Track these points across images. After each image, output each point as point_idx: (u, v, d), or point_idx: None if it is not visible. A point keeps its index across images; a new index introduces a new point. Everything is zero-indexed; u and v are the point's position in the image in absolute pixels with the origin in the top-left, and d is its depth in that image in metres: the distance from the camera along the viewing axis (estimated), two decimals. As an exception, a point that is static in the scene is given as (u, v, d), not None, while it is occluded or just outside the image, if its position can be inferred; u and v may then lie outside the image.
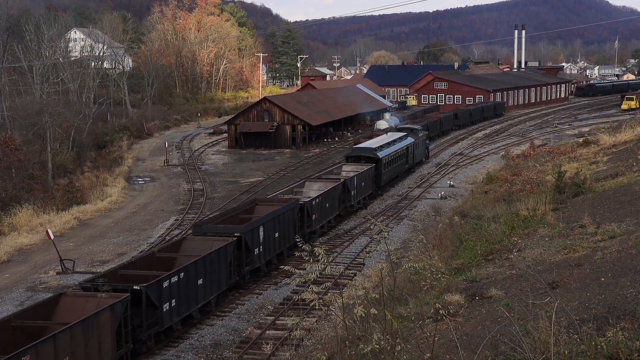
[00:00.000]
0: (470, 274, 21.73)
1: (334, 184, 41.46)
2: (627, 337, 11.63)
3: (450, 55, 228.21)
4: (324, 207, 38.60)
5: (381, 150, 50.60)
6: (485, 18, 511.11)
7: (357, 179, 44.40)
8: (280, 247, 33.56)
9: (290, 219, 34.43)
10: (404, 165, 56.22)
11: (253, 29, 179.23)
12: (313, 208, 36.95)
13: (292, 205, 34.90)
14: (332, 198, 40.04)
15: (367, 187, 46.90)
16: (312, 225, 37.03)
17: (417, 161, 61.71)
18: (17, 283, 32.59)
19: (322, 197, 38.24)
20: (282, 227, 33.47)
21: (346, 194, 42.63)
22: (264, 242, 31.46)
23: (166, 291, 23.75)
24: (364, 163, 48.50)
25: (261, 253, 31.37)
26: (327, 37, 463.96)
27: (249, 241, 29.86)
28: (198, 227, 31.02)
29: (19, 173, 55.48)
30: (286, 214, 33.91)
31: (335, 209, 41.02)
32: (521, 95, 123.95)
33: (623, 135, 49.73)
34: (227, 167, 66.51)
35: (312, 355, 20.46)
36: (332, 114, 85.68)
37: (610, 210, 25.37)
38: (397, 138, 56.27)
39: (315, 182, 43.13)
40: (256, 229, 30.75)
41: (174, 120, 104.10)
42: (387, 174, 51.43)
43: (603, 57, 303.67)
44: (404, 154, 55.52)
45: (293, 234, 34.56)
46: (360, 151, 50.52)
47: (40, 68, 71.75)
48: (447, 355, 13.79)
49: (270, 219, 32.12)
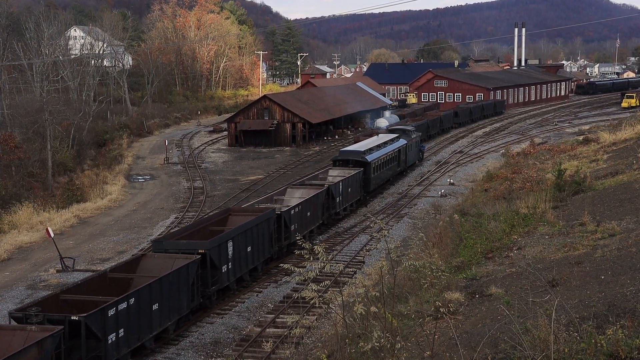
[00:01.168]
0: (470, 272, 21.74)
1: (316, 190, 38.94)
2: (627, 335, 11.64)
3: (451, 53, 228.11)
4: (304, 216, 36.01)
5: (370, 154, 48.09)
6: (486, 16, 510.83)
7: (343, 184, 42.00)
8: (253, 262, 30.84)
9: (265, 231, 31.71)
10: (395, 169, 53.74)
11: (253, 27, 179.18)
12: (292, 218, 34.32)
13: (268, 215, 32.17)
14: (314, 206, 37.44)
15: (355, 193, 44.47)
16: (291, 236, 34.04)
17: (410, 164, 59.22)
18: (17, 281, 32.61)
19: (302, 206, 35.68)
20: (256, 240, 30.83)
21: (331, 201, 40.13)
22: (233, 258, 28.71)
23: (112, 320, 20.98)
24: (351, 167, 45.97)
25: (230, 270, 28.56)
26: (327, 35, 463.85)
27: (215, 258, 27.13)
28: (158, 242, 27.98)
29: (19, 171, 55.50)
30: (261, 225, 31.20)
31: (318, 217, 38.30)
32: (521, 93, 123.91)
33: (623, 133, 49.74)
34: (227, 165, 66.51)
35: (312, 353, 20.47)
36: (332, 112, 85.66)
37: (610, 208, 25.37)
38: (388, 140, 53.60)
39: (298, 189, 40.54)
40: (224, 244, 27.97)
41: (174, 118, 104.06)
42: (377, 178, 48.83)
43: (603, 55, 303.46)
44: (395, 156, 53.02)
45: (269, 247, 32.27)
46: (348, 155, 48.00)
47: (40, 66, 71.72)
48: (447, 353, 13.79)
49: (242, 232, 29.43)
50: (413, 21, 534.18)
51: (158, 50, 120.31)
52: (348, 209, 43.62)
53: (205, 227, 31.27)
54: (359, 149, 48.72)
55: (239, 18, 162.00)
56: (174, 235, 29.68)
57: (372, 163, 47.23)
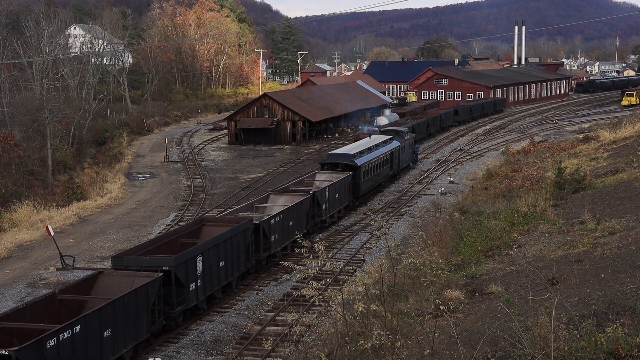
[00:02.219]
0: (470, 270, 21.75)
1: (300, 197, 36.45)
2: (626, 333, 11.64)
3: (451, 52, 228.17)
4: (286, 225, 33.60)
5: (360, 157, 45.83)
6: (486, 14, 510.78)
7: (330, 190, 39.45)
8: (227, 277, 28.35)
9: (241, 243, 29.29)
10: (387, 172, 51.47)
11: (253, 25, 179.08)
12: (272, 228, 31.92)
13: (244, 226, 29.65)
14: (297, 214, 35.12)
15: (343, 199, 41.99)
16: (271, 248, 32.00)
17: (404, 166, 56.79)
18: (18, 279, 32.62)
19: (283, 215, 33.26)
20: (230, 254, 28.35)
21: (316, 208, 37.72)
22: (203, 275, 26.17)
23: (52, 352, 18.15)
24: (340, 171, 43.74)
25: (199, 288, 25.99)
26: (327, 33, 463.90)
27: (181, 275, 24.61)
28: (118, 259, 25.12)
29: (19, 169, 55.54)
30: (237, 237, 28.82)
31: (302, 226, 35.82)
32: (521, 91, 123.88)
33: (623, 132, 49.72)
34: (227, 164, 66.51)
35: (312, 351, 20.48)
36: (332, 110, 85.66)
37: (610, 207, 25.37)
38: (380, 142, 51.33)
39: (281, 196, 38.07)
40: (192, 259, 25.41)
41: (173, 117, 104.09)
42: (367, 182, 46.42)
43: (603, 53, 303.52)
44: (387, 159, 50.76)
45: (245, 260, 29.88)
46: (336, 158, 45.52)
47: (40, 64, 71.67)
48: (447, 351, 13.80)
49: (214, 245, 26.98)
50: (413, 19, 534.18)
51: (158, 49, 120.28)
52: (335, 215, 41.35)
53: (176, 240, 28.84)
54: (348, 152, 46.48)
55: (239, 16, 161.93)
56: (138, 249, 26.76)
57: (362, 167, 44.99)
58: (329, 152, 49.85)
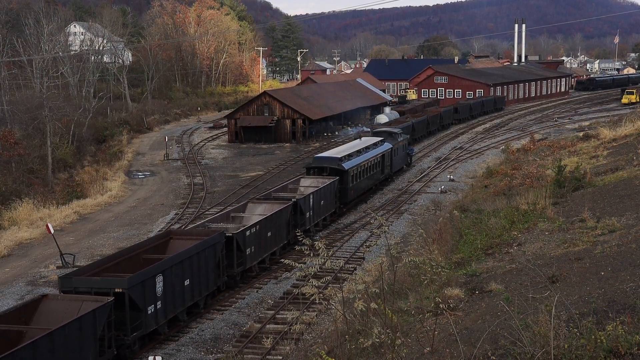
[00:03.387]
0: (470, 268, 21.75)
1: (281, 206, 34.00)
2: (626, 331, 11.64)
3: (451, 49, 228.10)
4: (263, 237, 31.25)
5: (348, 160, 43.40)
6: (486, 12, 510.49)
7: (315, 197, 36.98)
8: (193, 297, 25.81)
9: (210, 259, 26.81)
10: (378, 176, 49.26)
11: (253, 23, 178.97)
12: (247, 240, 29.44)
13: (214, 240, 27.12)
14: (277, 224, 32.68)
15: (329, 206, 39.63)
16: (246, 262, 29.57)
17: (397, 169, 54.47)
18: (18, 277, 32.64)
19: (261, 226, 30.88)
20: (197, 271, 25.83)
21: (299, 217, 35.17)
22: (164, 296, 23.68)
23: None
24: (326, 176, 41.31)
25: (159, 311, 23.42)
26: (327, 31, 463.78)
27: (137, 298, 22.13)
28: (66, 279, 22.23)
29: (18, 167, 55.56)
30: (205, 252, 26.29)
31: (282, 237, 33.59)
32: (521, 89, 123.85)
33: (623, 130, 49.72)
34: (227, 161, 66.52)
35: (312, 349, 20.49)
36: (332, 108, 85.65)
37: (611, 205, 25.37)
38: (370, 144, 49.00)
39: (260, 204, 35.45)
40: (150, 279, 22.86)
41: (173, 115, 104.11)
42: (356, 187, 44.11)
43: (603, 51, 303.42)
44: (378, 162, 48.57)
45: (215, 277, 27.38)
46: (323, 161, 42.96)
47: (40, 62, 71.65)
48: (447, 349, 13.81)
49: (177, 262, 24.54)
50: (413, 17, 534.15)
51: (158, 47, 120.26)
52: (320, 224, 38.72)
53: (138, 255, 26.14)
54: (335, 155, 43.90)
55: (239, 14, 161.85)
56: (93, 267, 23.97)
57: (350, 171, 42.66)
58: (314, 156, 47.13)
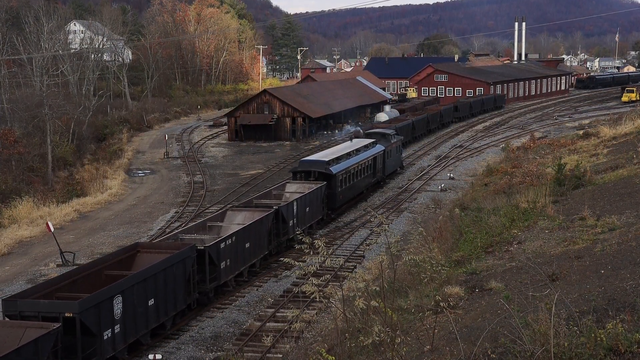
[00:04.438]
0: (470, 267, 21.75)
1: (262, 214, 31.87)
2: (626, 329, 11.66)
3: (451, 48, 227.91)
4: (241, 248, 29.17)
5: (337, 164, 41.49)
6: (486, 10, 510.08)
7: (299, 203, 34.97)
8: (158, 318, 23.59)
9: (179, 275, 24.55)
10: (369, 180, 47.20)
11: (253, 21, 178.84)
12: (221, 253, 27.24)
13: (184, 254, 24.87)
14: (256, 234, 30.55)
15: (315, 212, 37.40)
16: (220, 277, 27.39)
17: (390, 172, 52.41)
18: (18, 275, 32.66)
19: (238, 237, 28.72)
20: (163, 289, 23.60)
21: (281, 225, 33.17)
22: (124, 318, 21.46)
23: None
24: (312, 181, 39.48)
25: (117, 335, 21.18)
26: (327, 29, 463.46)
27: (90, 322, 19.87)
28: (11, 303, 20.12)
29: (18, 165, 55.53)
30: (173, 268, 24.08)
31: (263, 248, 31.54)
32: (521, 87, 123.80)
33: (623, 128, 49.73)
34: (227, 160, 66.52)
35: (312, 347, 20.50)
36: (332, 106, 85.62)
37: (611, 203, 25.37)
38: (361, 147, 47.12)
39: (240, 212, 33.23)
40: (107, 301, 20.66)
41: (173, 113, 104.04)
42: (345, 192, 42.17)
43: (603, 50, 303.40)
44: (369, 165, 46.56)
45: (184, 295, 25.08)
46: (309, 165, 41.03)
47: (40, 60, 71.62)
48: (447, 347, 13.82)
49: (140, 280, 22.34)
50: (413, 15, 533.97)
51: (158, 45, 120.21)
52: (306, 232, 34.99)
53: (100, 272, 23.80)
54: (322, 159, 41.95)
55: (239, 12, 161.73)
56: (45, 286, 21.52)
57: (339, 175, 40.69)
58: (300, 159, 44.89)
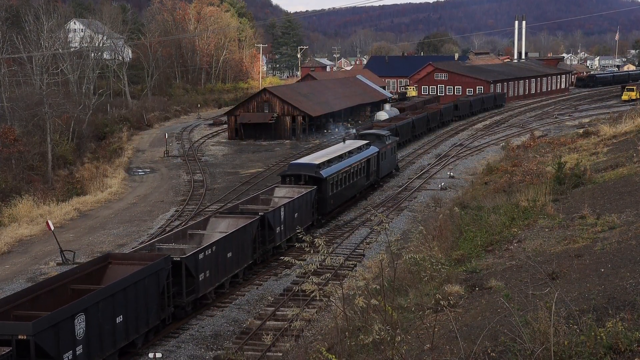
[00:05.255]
0: (470, 265, 21.75)
1: (246, 221, 30.26)
2: (626, 327, 11.66)
3: (451, 46, 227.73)
4: (222, 259, 27.54)
5: (328, 167, 39.98)
6: (486, 9, 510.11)
7: (287, 209, 33.61)
8: (127, 337, 21.90)
9: (152, 288, 22.82)
10: (363, 183, 45.71)
11: (253, 19, 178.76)
12: (200, 264, 25.61)
13: (158, 266, 23.17)
14: (239, 244, 29.10)
15: (305, 218, 35.85)
16: (198, 289, 25.79)
17: (384, 174, 50.90)
18: (18, 274, 32.67)
19: (218, 246, 27.11)
20: (133, 304, 21.88)
21: (267, 232, 31.79)
22: (87, 339, 19.76)
23: None
24: (302, 185, 38.04)
25: (80, 357, 19.56)
26: (327, 28, 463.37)
27: (47, 345, 18.45)
28: None
29: (18, 164, 55.53)
30: (145, 281, 22.36)
31: (247, 257, 30.03)
32: (521, 86, 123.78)
33: (623, 126, 49.70)
34: (227, 158, 66.51)
35: (313, 345, 20.50)
36: (332, 105, 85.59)
37: (611, 201, 25.37)
38: (354, 148, 45.57)
39: (223, 219, 31.64)
40: (67, 320, 19.01)
41: (173, 112, 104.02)
42: (337, 196, 40.63)
43: (603, 48, 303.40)
44: (363, 168, 45.10)
45: (157, 310, 23.30)
46: (299, 169, 39.45)
47: (40, 59, 71.59)
48: (447, 345, 13.82)
49: (107, 296, 20.64)
50: (413, 14, 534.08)
51: (158, 43, 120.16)
52: (294, 239, 33.89)
53: (66, 286, 21.98)
54: (312, 162, 40.39)
55: (239, 11, 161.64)
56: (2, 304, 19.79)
57: (329, 179, 39.14)
58: (290, 162, 43.15)
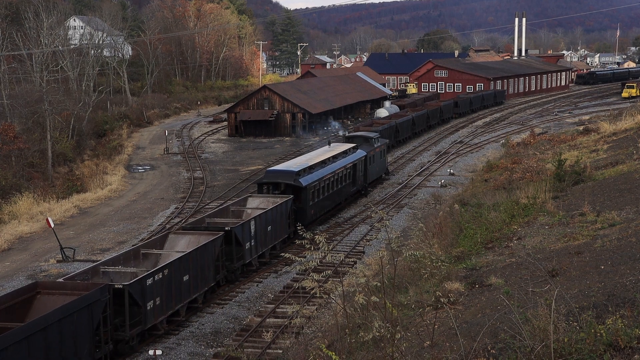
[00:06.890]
0: (470, 262, 21.77)
1: (207, 238, 26.76)
2: (626, 324, 11.67)
3: (451, 43, 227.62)
4: (176, 283, 24.14)
5: (308, 174, 36.91)
6: (486, 6, 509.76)
7: (259, 222, 30.18)
8: None
9: (84, 323, 19.47)
10: (349, 189, 42.70)
11: (253, 16, 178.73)
12: (147, 291, 22.30)
13: (91, 298, 19.76)
14: (198, 265, 25.53)
15: (280, 231, 32.67)
16: (146, 320, 22.46)
17: (373, 179, 48.20)
18: (18, 271, 32.67)
19: (170, 269, 23.69)
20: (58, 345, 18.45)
21: (235, 249, 28.44)
22: None
23: None
24: (279, 194, 34.95)
25: None
26: (327, 25, 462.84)
27: None
28: None
29: (18, 161, 55.54)
30: (74, 316, 19.04)
31: (208, 279, 26.53)
32: (521, 83, 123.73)
33: (623, 123, 49.70)
34: (227, 156, 66.50)
35: (313, 342, 20.52)
36: (332, 102, 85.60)
37: (611, 199, 25.38)
38: (340, 152, 42.71)
39: (183, 236, 27.93)
40: None
41: (173, 109, 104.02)
42: (318, 205, 37.43)
43: (604, 45, 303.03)
44: (349, 173, 42.12)
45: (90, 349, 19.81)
46: (276, 176, 36.17)
47: (40, 56, 71.57)
48: (447, 343, 13.83)
49: (19, 339, 17.08)
50: (413, 11, 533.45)
51: (157, 40, 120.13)
52: (267, 254, 31.59)
53: None
54: (291, 169, 37.08)
55: (239, 8, 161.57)
56: None
57: (310, 187, 36.06)
58: (267, 169, 39.97)
